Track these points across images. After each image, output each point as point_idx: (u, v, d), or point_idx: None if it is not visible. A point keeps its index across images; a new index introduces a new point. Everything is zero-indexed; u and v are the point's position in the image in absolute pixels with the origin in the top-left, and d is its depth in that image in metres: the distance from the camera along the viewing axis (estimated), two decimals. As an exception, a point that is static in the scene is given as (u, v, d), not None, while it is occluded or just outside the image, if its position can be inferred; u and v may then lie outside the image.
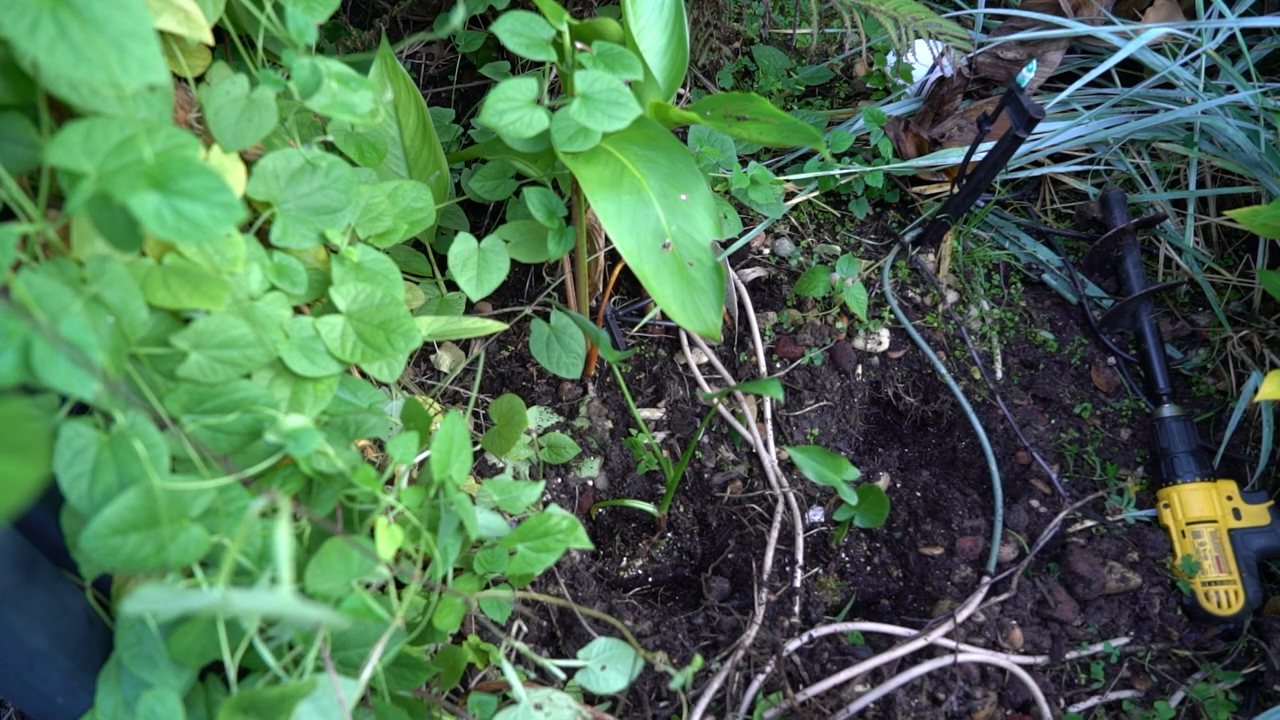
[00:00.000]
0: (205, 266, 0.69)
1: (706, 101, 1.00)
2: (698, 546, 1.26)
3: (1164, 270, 1.38)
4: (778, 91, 1.51)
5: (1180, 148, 1.37)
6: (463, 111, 1.47)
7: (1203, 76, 1.36)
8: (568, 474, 1.24)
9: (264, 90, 0.75)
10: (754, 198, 1.19)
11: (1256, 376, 1.24)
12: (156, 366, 0.68)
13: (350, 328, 0.80)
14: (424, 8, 1.52)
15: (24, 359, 0.54)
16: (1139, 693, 1.12)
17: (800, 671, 1.09)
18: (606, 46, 0.91)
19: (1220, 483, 1.19)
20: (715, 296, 0.99)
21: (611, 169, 0.93)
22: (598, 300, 1.28)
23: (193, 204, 0.54)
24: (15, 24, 0.48)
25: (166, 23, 0.68)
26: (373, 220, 0.88)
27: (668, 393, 1.31)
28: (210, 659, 0.69)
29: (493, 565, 0.84)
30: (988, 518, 1.22)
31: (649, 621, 1.14)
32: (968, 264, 1.39)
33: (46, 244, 0.63)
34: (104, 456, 0.63)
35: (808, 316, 1.34)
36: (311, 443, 0.66)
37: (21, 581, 0.69)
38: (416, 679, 0.80)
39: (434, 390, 1.24)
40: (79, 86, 0.59)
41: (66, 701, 0.75)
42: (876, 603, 1.23)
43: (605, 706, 1.06)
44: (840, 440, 1.31)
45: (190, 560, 0.65)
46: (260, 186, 0.77)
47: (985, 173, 1.22)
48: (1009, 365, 1.33)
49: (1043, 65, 1.45)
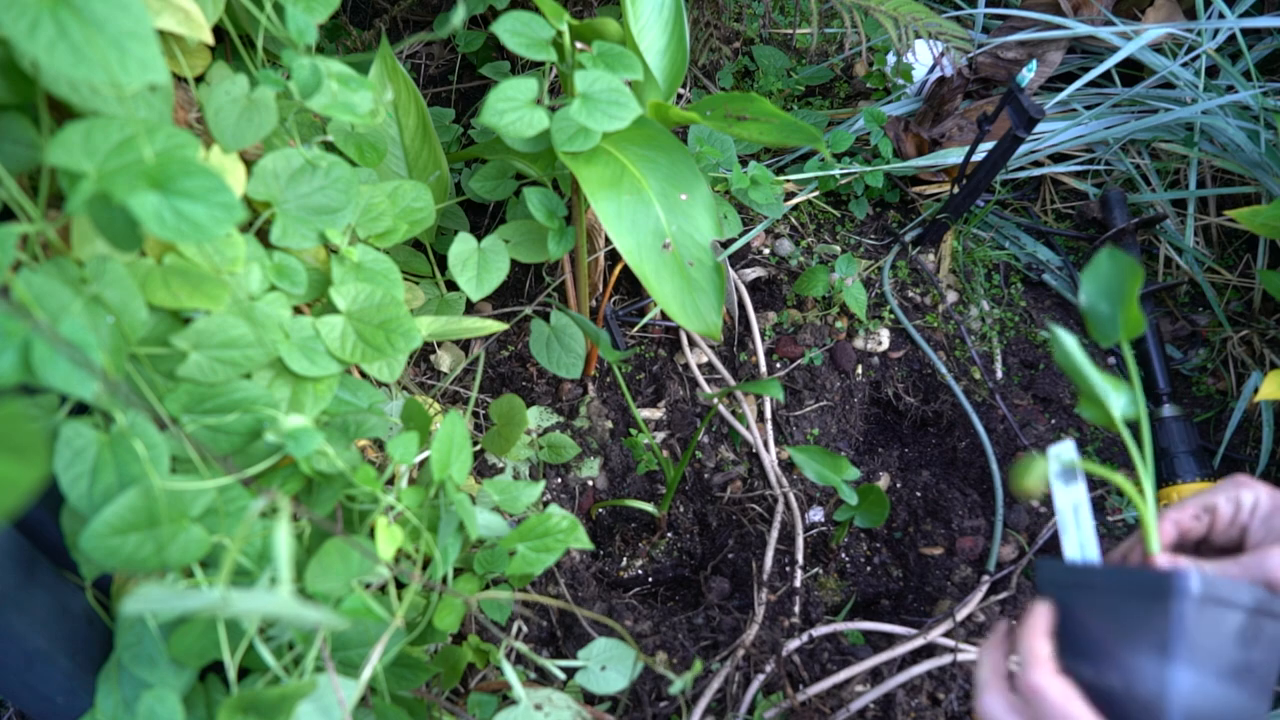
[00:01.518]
0: (205, 266, 0.69)
1: (706, 101, 1.00)
2: (698, 546, 1.26)
3: (1164, 270, 1.38)
4: (778, 91, 1.51)
5: (1180, 148, 1.36)
6: (463, 111, 1.47)
7: (1203, 76, 1.36)
8: (568, 474, 1.24)
9: (264, 90, 0.75)
10: (754, 198, 1.19)
11: (1256, 376, 1.24)
12: (156, 366, 0.68)
13: (350, 328, 0.80)
14: (424, 8, 1.52)
15: (24, 359, 0.54)
16: (1139, 693, 1.11)
17: (800, 671, 1.09)
18: (606, 46, 0.90)
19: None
20: (715, 296, 0.99)
21: (611, 169, 0.93)
22: (598, 300, 1.28)
23: (193, 204, 0.54)
24: (15, 24, 0.48)
25: (166, 23, 0.68)
26: (373, 220, 0.88)
27: (668, 393, 1.31)
28: (210, 659, 0.69)
29: (493, 565, 0.84)
30: (988, 518, 1.22)
31: (649, 621, 1.14)
32: (968, 264, 1.39)
33: (46, 244, 0.63)
34: (104, 456, 0.63)
35: (808, 316, 1.34)
36: (311, 443, 0.66)
37: (21, 581, 0.69)
38: (416, 679, 0.80)
39: (434, 390, 1.24)
40: (79, 86, 0.59)
41: (66, 701, 0.75)
42: (876, 603, 1.23)
43: (605, 706, 1.06)
44: (840, 440, 1.31)
45: (190, 560, 0.65)
46: (260, 186, 0.77)
47: (985, 173, 1.22)
48: (1009, 365, 1.33)
49: (1043, 65, 1.45)
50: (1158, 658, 0.49)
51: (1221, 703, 0.50)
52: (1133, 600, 0.51)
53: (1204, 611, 0.49)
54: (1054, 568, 0.56)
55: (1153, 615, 0.50)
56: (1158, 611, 0.50)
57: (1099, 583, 0.53)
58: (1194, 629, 0.49)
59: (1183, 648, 0.49)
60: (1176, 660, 0.49)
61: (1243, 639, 0.50)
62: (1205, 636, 0.49)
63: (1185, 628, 0.49)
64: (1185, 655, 0.49)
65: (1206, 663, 0.50)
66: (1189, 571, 0.49)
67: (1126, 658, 0.51)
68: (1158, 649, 0.49)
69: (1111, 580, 0.53)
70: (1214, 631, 0.50)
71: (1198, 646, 0.49)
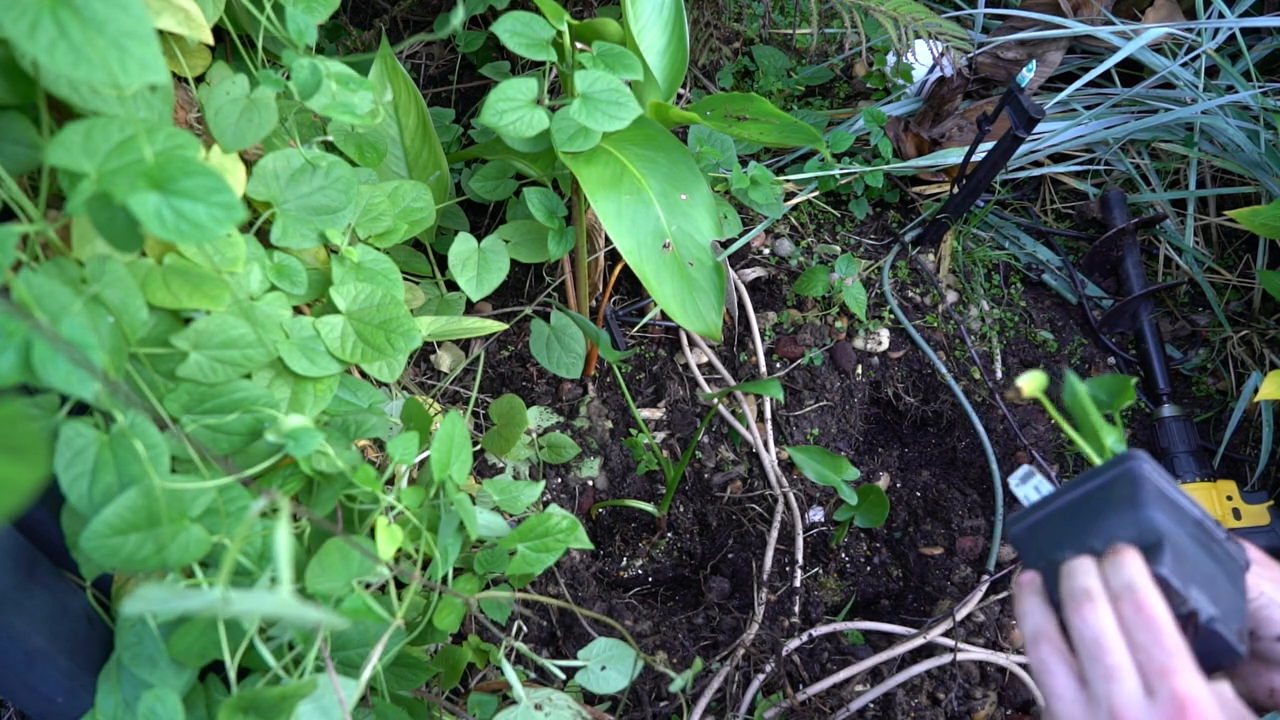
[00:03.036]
0: (205, 266, 0.69)
1: (706, 101, 1.00)
2: (698, 546, 1.26)
3: (1164, 270, 1.38)
4: (778, 91, 1.51)
5: (1180, 148, 1.36)
6: (463, 111, 1.47)
7: (1203, 76, 1.36)
8: (568, 474, 1.24)
9: (264, 90, 0.75)
10: (754, 198, 1.19)
11: (1256, 376, 1.24)
12: (156, 366, 0.68)
13: (350, 328, 0.80)
14: (424, 8, 1.52)
15: (24, 359, 0.54)
16: (1139, 693, 1.11)
17: (800, 671, 1.09)
18: (606, 46, 0.91)
19: (1220, 483, 1.19)
20: (715, 296, 0.99)
21: (611, 169, 0.93)
22: (598, 300, 1.28)
23: (193, 204, 0.54)
24: (15, 24, 0.48)
25: (166, 23, 0.68)
26: (373, 220, 0.88)
27: (668, 393, 1.31)
28: (210, 659, 0.69)
29: (493, 565, 0.84)
30: (988, 517, 1.22)
31: (649, 621, 1.14)
32: (968, 264, 1.39)
33: (46, 244, 0.63)
34: (104, 456, 0.63)
35: (808, 316, 1.34)
36: (311, 443, 0.66)
37: (21, 581, 0.69)
38: (416, 679, 0.80)
39: (434, 390, 1.24)
40: (79, 86, 0.59)
41: (66, 701, 0.75)
42: (876, 602, 1.23)
43: (605, 706, 1.06)
44: (840, 440, 1.31)
45: (190, 560, 0.65)
46: (260, 186, 0.77)
47: (985, 173, 1.22)
48: (1009, 365, 1.33)
49: (1043, 65, 1.45)
50: (1130, 510, 0.51)
51: (1197, 560, 0.51)
52: (1096, 488, 0.53)
53: (1162, 488, 0.51)
54: (1020, 517, 0.57)
55: (1117, 485, 0.52)
56: (1121, 481, 0.52)
57: (1063, 495, 0.55)
58: (1156, 491, 0.51)
59: (1150, 497, 0.51)
60: (1148, 506, 0.51)
61: (1199, 542, 0.52)
62: (1167, 509, 0.51)
63: (1149, 483, 0.51)
64: (1154, 504, 0.51)
65: (1175, 523, 0.51)
66: (1139, 450, 0.52)
67: (1103, 524, 0.52)
68: (1129, 504, 0.51)
69: (1073, 485, 0.54)
70: (1174, 514, 0.52)
71: (1164, 504, 0.51)
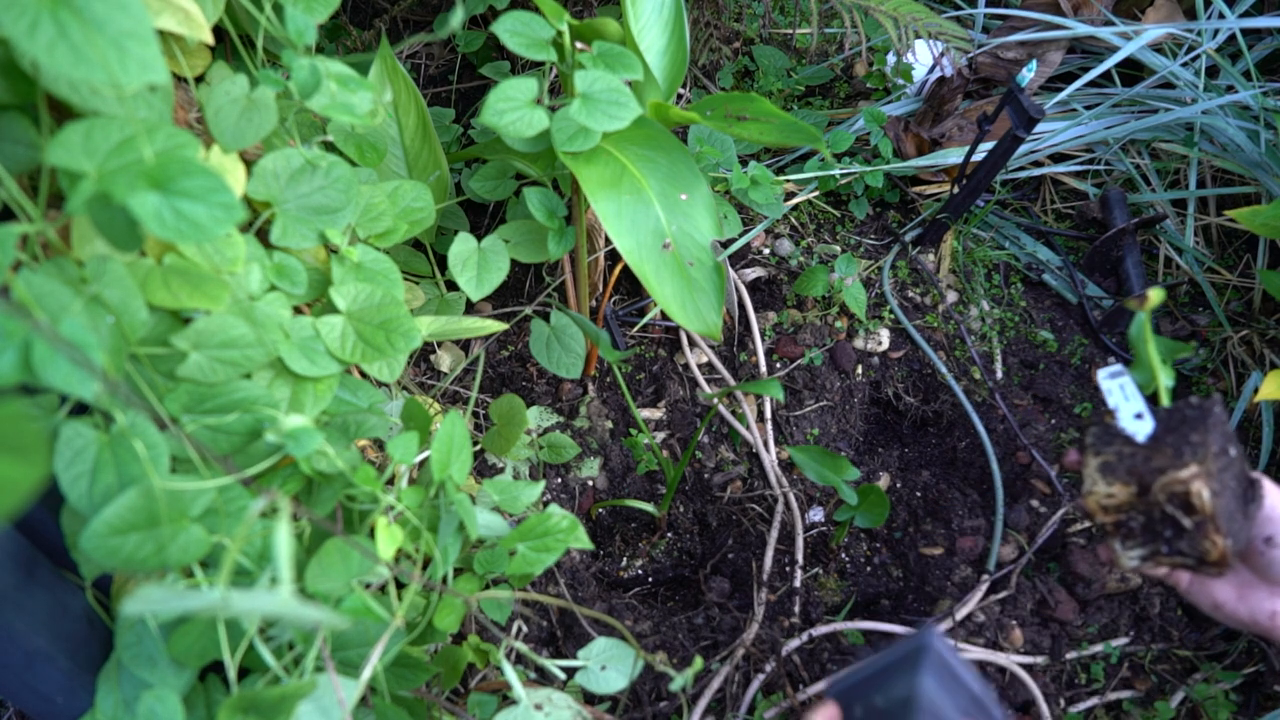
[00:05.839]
0: (205, 266, 0.69)
1: (706, 101, 1.00)
2: (698, 546, 1.26)
3: (1164, 270, 1.38)
4: (778, 91, 1.51)
5: (1180, 148, 1.36)
6: (463, 111, 1.47)
7: (1203, 76, 1.36)
8: (568, 474, 1.24)
9: (264, 90, 0.75)
10: (754, 198, 1.19)
11: (1256, 376, 1.24)
12: (156, 366, 0.68)
13: (350, 328, 0.80)
14: (424, 8, 1.52)
15: (24, 359, 0.54)
16: (1139, 693, 1.11)
17: (800, 671, 1.09)
18: (606, 46, 0.90)
19: (1220, 483, 1.19)
20: (715, 296, 0.99)
21: (611, 169, 0.93)
22: (598, 300, 1.28)
23: (193, 204, 0.54)
24: (15, 24, 0.48)
25: (166, 23, 0.68)
26: (373, 220, 0.88)
27: (668, 393, 1.31)
28: (210, 659, 0.69)
29: (493, 565, 0.84)
30: (988, 518, 1.22)
31: (649, 621, 1.14)
32: (968, 264, 1.39)
33: (46, 244, 0.63)
34: (104, 456, 0.63)
35: (808, 316, 1.34)
36: (311, 443, 0.66)
37: (21, 581, 0.69)
38: (416, 679, 0.80)
39: (434, 390, 1.24)
40: (79, 86, 0.59)
41: (66, 701, 0.75)
42: (876, 603, 1.23)
43: (605, 706, 1.06)
44: (840, 440, 1.31)
45: (190, 560, 0.65)
46: (260, 186, 0.77)
47: (985, 173, 1.22)
48: (1009, 365, 1.33)
49: (1043, 65, 1.45)
50: (910, 673, 0.57)
51: None
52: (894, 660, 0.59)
53: (946, 658, 0.58)
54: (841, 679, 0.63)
55: (908, 653, 0.59)
56: (913, 650, 0.58)
57: (870, 667, 0.61)
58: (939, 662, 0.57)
59: (930, 665, 0.57)
60: (923, 671, 0.57)
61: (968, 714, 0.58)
62: (946, 681, 0.58)
63: (933, 653, 0.57)
64: (932, 671, 0.57)
65: (948, 692, 0.57)
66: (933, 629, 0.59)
67: (886, 683, 0.59)
68: (910, 667, 0.58)
69: (878, 659, 0.61)
70: (949, 685, 0.58)
71: (942, 671, 0.57)
